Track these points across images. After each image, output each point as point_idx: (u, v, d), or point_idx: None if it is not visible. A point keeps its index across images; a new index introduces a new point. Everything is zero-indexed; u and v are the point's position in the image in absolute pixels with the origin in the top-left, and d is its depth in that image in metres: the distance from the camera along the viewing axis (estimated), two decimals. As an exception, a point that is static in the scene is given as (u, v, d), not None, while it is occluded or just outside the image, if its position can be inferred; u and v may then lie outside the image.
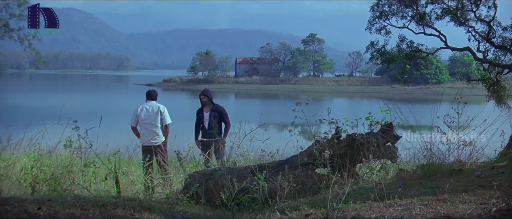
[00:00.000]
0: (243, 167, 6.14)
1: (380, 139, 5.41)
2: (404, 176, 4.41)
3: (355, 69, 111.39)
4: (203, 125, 8.61)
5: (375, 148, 5.29)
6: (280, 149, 16.88)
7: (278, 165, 5.88)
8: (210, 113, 8.59)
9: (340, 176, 5.28)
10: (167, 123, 8.07)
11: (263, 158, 9.97)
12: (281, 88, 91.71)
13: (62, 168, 4.71)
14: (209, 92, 8.77)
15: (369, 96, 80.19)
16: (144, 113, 8.03)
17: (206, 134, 8.55)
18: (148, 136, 7.90)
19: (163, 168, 7.69)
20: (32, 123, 32.56)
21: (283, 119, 43.42)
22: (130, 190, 5.79)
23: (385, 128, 5.57)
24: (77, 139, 5.23)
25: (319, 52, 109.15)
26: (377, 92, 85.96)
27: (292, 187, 4.84)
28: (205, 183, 6.15)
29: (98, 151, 19.51)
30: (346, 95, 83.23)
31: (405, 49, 18.88)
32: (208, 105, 8.63)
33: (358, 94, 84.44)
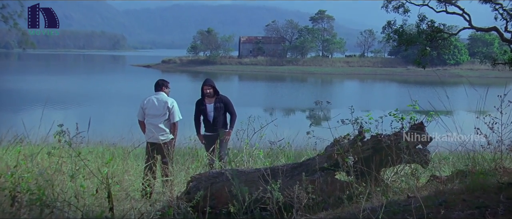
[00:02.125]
0: (253, 170, 5.78)
1: (410, 141, 5.03)
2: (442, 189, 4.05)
3: (367, 49, 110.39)
4: (207, 118, 8.24)
5: (404, 151, 4.92)
6: (290, 138, 16.57)
7: (292, 169, 5.52)
8: (214, 104, 8.21)
9: (364, 183, 4.92)
10: (175, 121, 7.63)
11: (272, 153, 9.66)
12: (288, 70, 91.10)
13: (47, 175, 4.37)
14: (213, 82, 8.38)
15: (382, 78, 79.66)
16: (150, 105, 7.62)
17: (211, 128, 8.21)
18: (153, 132, 7.51)
19: (164, 170, 7.34)
20: (20, 107, 32.43)
21: (290, 103, 43.24)
22: (124, 200, 5.46)
23: (416, 127, 5.18)
24: (65, 141, 4.85)
25: (328, 30, 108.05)
26: (391, 75, 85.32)
27: (310, 198, 4.48)
28: (210, 186, 5.82)
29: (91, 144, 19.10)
30: (357, 77, 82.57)
31: (425, 29, 18.35)
32: (211, 96, 8.25)
33: (370, 77, 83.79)
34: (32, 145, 10.75)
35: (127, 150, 11.01)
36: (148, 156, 7.52)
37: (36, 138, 16.10)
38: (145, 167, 7.48)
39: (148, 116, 7.65)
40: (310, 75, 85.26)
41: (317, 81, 76.87)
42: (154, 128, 7.54)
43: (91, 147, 14.44)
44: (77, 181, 4.45)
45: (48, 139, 16.47)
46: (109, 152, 10.15)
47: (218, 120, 8.17)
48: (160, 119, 7.56)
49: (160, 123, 7.56)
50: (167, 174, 7.35)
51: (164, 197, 7.05)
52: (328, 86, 69.63)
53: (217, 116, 8.16)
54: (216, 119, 8.14)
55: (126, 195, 7.01)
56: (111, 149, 12.04)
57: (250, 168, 5.91)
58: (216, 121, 8.15)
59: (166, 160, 7.33)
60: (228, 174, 5.82)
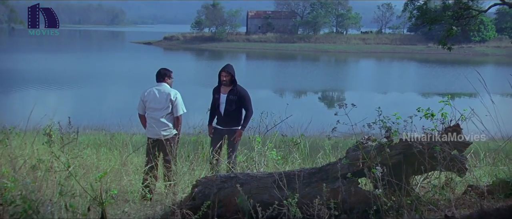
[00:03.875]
0: (266, 174, 5.52)
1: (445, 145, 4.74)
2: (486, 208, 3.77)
3: (385, 25, 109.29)
4: (218, 109, 7.84)
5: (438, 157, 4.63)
6: (302, 126, 16.35)
7: (310, 175, 5.26)
8: (227, 95, 7.78)
9: (391, 192, 4.65)
10: (178, 114, 7.35)
11: (284, 145, 9.41)
12: (299, 48, 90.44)
13: (34, 186, 4.13)
14: (233, 70, 7.86)
15: (401, 57, 78.88)
16: (151, 97, 7.35)
17: (221, 121, 7.83)
18: (155, 127, 7.26)
19: (167, 169, 7.12)
20: (11, 88, 32.30)
21: (302, 85, 42.87)
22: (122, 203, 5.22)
23: (451, 130, 4.88)
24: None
25: (343, 4, 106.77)
26: (410, 53, 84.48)
27: (332, 215, 4.23)
28: (218, 192, 5.59)
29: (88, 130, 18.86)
30: (374, 56, 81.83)
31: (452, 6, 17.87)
32: (227, 86, 7.85)
33: (388, 55, 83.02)
34: (22, 136, 10.59)
35: (125, 143, 10.90)
36: (149, 153, 7.30)
37: (27, 125, 15.94)
38: (146, 165, 7.28)
39: (149, 109, 7.40)
40: (323, 54, 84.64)
41: (330, 60, 76.33)
42: (156, 123, 7.29)
43: (87, 135, 14.35)
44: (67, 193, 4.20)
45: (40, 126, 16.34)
46: (106, 147, 9.98)
47: (229, 114, 7.76)
48: (162, 113, 7.31)
49: (162, 117, 7.31)
50: (169, 174, 7.14)
51: (166, 199, 6.87)
52: (342, 65, 69.07)
53: (229, 109, 7.75)
54: (227, 112, 7.75)
55: (124, 199, 6.86)
56: (107, 140, 11.90)
57: (263, 172, 5.64)
58: (227, 114, 7.75)
59: (168, 158, 7.11)
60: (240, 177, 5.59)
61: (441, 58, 72.06)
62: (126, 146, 10.31)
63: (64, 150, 7.10)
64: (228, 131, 7.76)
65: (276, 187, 5.20)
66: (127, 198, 6.95)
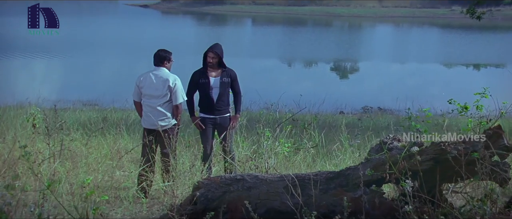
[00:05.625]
0: (276, 177, 5.28)
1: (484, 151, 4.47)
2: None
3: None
4: (210, 95, 7.43)
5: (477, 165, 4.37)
6: (314, 105, 16.07)
7: (327, 180, 5.02)
8: (220, 78, 7.44)
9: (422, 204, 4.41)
10: (177, 102, 7.07)
11: (295, 130, 9.17)
12: (310, 12, 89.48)
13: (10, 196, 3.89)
14: (221, 50, 7.50)
15: (422, 22, 77.90)
16: (147, 83, 7.06)
17: (213, 109, 7.44)
18: (151, 117, 7.00)
19: (165, 164, 6.91)
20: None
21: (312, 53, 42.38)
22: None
23: (492, 133, 4.60)
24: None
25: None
26: (432, 17, 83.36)
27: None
28: (223, 196, 5.37)
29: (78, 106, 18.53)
30: (391, 21, 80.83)
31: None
32: (214, 68, 7.49)
33: (407, 20, 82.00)
34: (4, 119, 10.39)
35: (119, 125, 10.65)
36: (145, 145, 7.07)
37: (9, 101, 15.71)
38: (141, 159, 7.06)
39: (145, 96, 7.12)
40: (336, 18, 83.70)
41: (343, 26, 75.55)
42: (152, 111, 7.02)
43: (77, 113, 14.12)
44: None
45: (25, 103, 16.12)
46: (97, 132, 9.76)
47: (223, 99, 7.46)
48: (160, 101, 7.03)
49: (160, 105, 7.04)
50: (167, 169, 6.92)
51: (165, 198, 6.67)
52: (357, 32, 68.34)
53: (223, 94, 7.43)
54: (221, 97, 7.42)
55: (117, 197, 6.66)
56: (99, 121, 11.66)
57: (273, 174, 5.40)
58: (221, 99, 7.43)
59: (166, 151, 6.88)
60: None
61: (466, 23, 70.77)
62: (120, 130, 10.09)
63: (50, 142, 6.91)
64: (221, 119, 7.46)
65: (288, 193, 4.98)
66: (121, 196, 6.77)
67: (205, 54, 7.48)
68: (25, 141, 7.16)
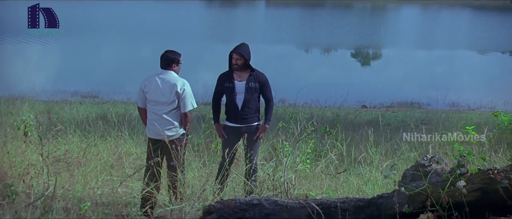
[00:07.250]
0: (298, 203, 5.03)
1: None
2: None
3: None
4: (234, 101, 7.13)
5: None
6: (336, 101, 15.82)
7: (356, 209, 4.77)
8: (246, 83, 7.12)
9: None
10: (186, 110, 6.80)
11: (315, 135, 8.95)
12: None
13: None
14: (247, 51, 7.15)
15: (451, 5, 77.09)
16: (153, 88, 6.79)
17: (238, 117, 7.14)
18: (156, 125, 6.74)
19: (172, 180, 6.70)
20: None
21: (331, 39, 42.07)
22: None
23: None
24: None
25: None
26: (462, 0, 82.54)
27: None
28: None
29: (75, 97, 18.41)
30: (418, 4, 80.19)
31: None
32: (241, 71, 7.15)
33: (434, 3, 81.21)
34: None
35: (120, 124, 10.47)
36: (149, 157, 6.84)
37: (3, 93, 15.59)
38: (145, 173, 6.86)
39: (150, 102, 6.86)
40: (357, 1, 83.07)
41: (365, 9, 75.03)
42: (158, 120, 6.77)
43: (75, 107, 13.97)
44: None
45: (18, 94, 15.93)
46: (95, 134, 9.61)
47: (250, 106, 7.14)
48: (166, 108, 6.77)
49: (166, 113, 6.78)
50: (175, 185, 6.70)
51: (171, 217, 6.46)
52: (380, 16, 67.75)
53: (250, 100, 7.11)
54: (248, 104, 7.10)
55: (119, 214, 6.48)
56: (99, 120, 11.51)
57: (294, 200, 5.15)
58: (247, 107, 7.11)
59: (174, 164, 6.65)
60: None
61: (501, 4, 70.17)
62: (122, 133, 9.92)
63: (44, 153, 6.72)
64: (247, 128, 7.14)
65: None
66: (123, 213, 6.58)
67: (230, 55, 7.21)
68: (15, 150, 6.99)
